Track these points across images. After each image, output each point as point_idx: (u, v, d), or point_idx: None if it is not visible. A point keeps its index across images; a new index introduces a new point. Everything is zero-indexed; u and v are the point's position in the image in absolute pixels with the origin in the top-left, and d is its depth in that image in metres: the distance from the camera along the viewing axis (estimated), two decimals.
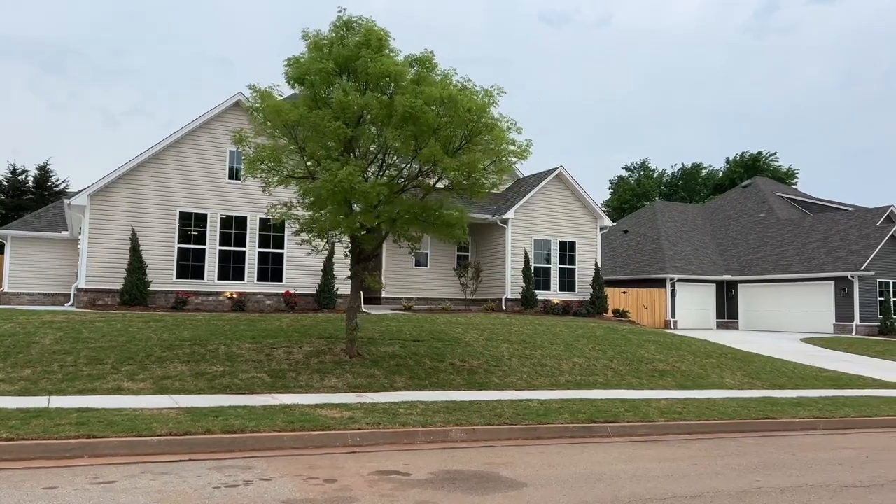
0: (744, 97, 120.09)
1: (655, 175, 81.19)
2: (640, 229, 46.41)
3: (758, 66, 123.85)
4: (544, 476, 7.92)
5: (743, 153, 75.37)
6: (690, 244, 43.57)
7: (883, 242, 35.20)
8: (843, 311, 35.15)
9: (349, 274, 15.63)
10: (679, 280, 39.52)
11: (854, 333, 34.03)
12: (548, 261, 28.49)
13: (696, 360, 19.81)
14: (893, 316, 35.10)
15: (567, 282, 28.83)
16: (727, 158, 76.88)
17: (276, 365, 14.24)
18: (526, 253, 27.29)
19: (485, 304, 27.45)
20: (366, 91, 13.66)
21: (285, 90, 14.89)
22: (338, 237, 15.19)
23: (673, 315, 38.97)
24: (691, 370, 18.58)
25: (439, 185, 15.04)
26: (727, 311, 41.01)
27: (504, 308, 27.11)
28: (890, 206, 37.92)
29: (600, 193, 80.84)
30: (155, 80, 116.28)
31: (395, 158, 14.78)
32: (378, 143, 13.62)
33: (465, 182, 14.77)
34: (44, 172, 51.37)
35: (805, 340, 31.09)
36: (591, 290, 28.40)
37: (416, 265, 28.65)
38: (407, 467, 8.13)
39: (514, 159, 15.00)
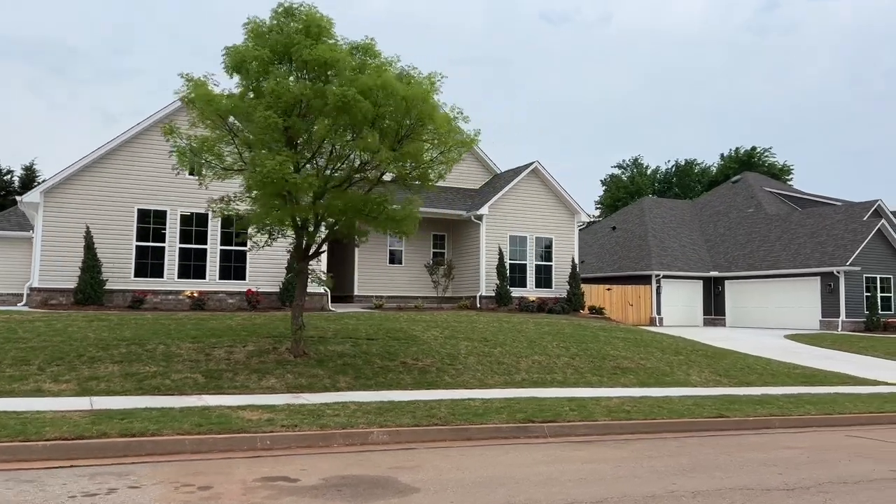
0: (745, 96, 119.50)
1: (649, 172, 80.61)
2: (628, 226, 45.89)
3: (758, 66, 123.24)
4: (445, 481, 7.42)
5: (737, 149, 74.83)
6: (678, 240, 43.03)
7: (869, 237, 34.64)
8: (829, 307, 34.60)
9: (296, 271, 15.07)
10: (664, 277, 39.00)
11: (840, 329, 33.47)
12: (524, 257, 27.98)
13: (664, 357, 19.29)
14: (880, 312, 34.54)
15: (544, 278, 28.32)
16: (721, 154, 76.49)
17: (213, 365, 13.74)
18: (500, 249, 26.78)
19: (459, 301, 26.96)
20: (308, 80, 13.18)
21: (228, 81, 14.42)
22: (282, 232, 14.68)
23: (658, 312, 38.46)
24: (657, 367, 18.06)
25: (387, 177, 14.55)
26: (714, 307, 40.47)
27: (479, 305, 26.61)
28: (877, 201, 37.38)
29: (598, 192, 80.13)
30: (156, 79, 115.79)
31: (345, 151, 14.26)
32: (310, 134, 13.07)
33: (412, 174, 14.29)
34: (30, 173, 51.11)
35: (789, 337, 30.57)
36: (568, 287, 27.89)
37: (390, 263, 28.18)
38: (303, 472, 7.64)
39: (463, 149, 14.53)
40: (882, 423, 13.70)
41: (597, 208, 78.11)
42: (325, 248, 15.24)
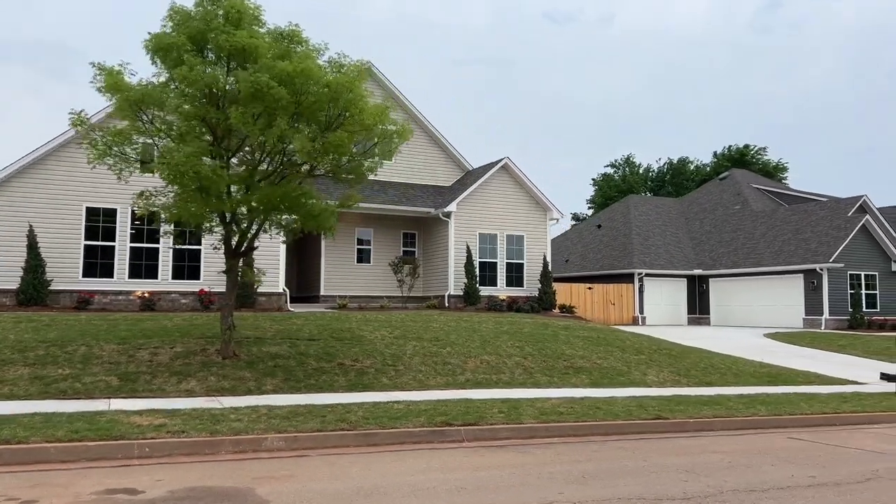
0: (748, 96, 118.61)
1: (641, 170, 79.90)
2: (614, 224, 45.25)
3: (762, 66, 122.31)
4: (304, 493, 6.80)
5: (730, 147, 74.04)
6: (662, 238, 42.37)
7: (853, 233, 33.93)
8: (812, 304, 33.91)
9: (225, 268, 14.47)
10: (647, 275, 38.36)
11: (823, 328, 32.78)
12: (494, 255, 27.34)
13: (623, 356, 18.65)
14: (864, 309, 33.84)
15: (515, 277, 27.68)
16: (714, 152, 75.60)
17: (133, 367, 13.13)
18: (468, 247, 26.15)
19: (428, 301, 26.34)
20: (227, 68, 12.60)
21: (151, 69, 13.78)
22: (208, 229, 14.07)
23: (641, 311, 37.83)
24: (613, 367, 17.43)
25: (320, 171, 13.95)
26: (699, 306, 39.79)
27: (447, 305, 25.99)
28: (862, 196, 36.67)
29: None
30: None
31: (269, 143, 13.64)
32: (230, 125, 12.43)
33: (345, 166, 13.70)
34: None
35: (769, 335, 29.91)
36: (540, 286, 27.25)
37: (358, 262, 27.59)
38: (156, 484, 7.02)
39: (398, 141, 13.95)
40: (834, 424, 13.07)
41: (589, 208, 77.51)
42: (257, 244, 14.57)
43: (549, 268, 27.62)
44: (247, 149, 13.53)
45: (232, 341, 14.27)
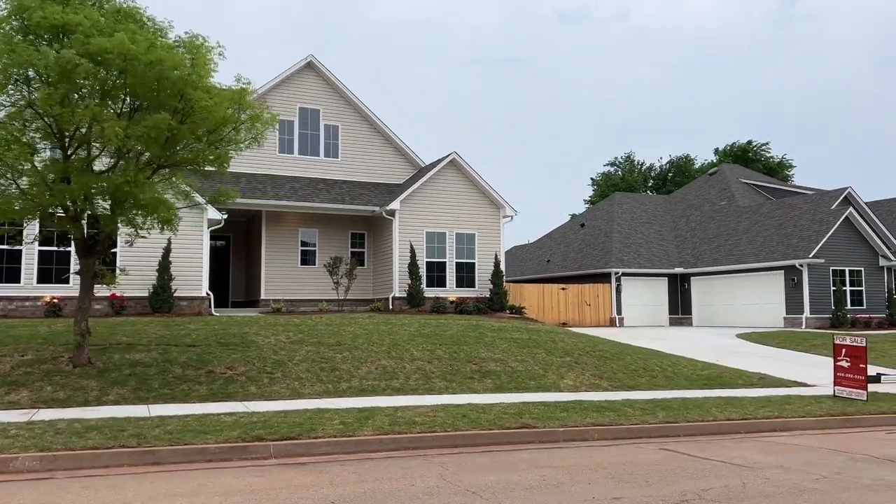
0: (766, 91, 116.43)
1: (643, 168, 78.22)
2: (597, 222, 43.81)
3: (779, 60, 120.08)
4: None
5: (733, 143, 72.24)
6: (644, 236, 40.83)
7: (835, 227, 32.23)
8: (793, 303, 32.25)
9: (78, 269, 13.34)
10: (624, 274, 36.86)
11: (804, 327, 31.12)
12: (442, 255, 26.08)
13: (548, 358, 17.32)
14: (848, 307, 32.13)
15: (466, 277, 26.40)
16: (716, 149, 73.78)
17: None
18: (412, 247, 24.91)
19: (372, 303, 25.15)
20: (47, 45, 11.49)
21: None
22: (55, 225, 12.98)
23: (618, 312, 36.34)
24: (529, 370, 16.11)
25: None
26: (681, 306, 38.21)
27: (391, 307, 24.78)
28: (847, 188, 34.95)
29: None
30: None
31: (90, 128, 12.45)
32: (29, 104, 11.32)
33: (200, 156, 12.55)
34: None
35: (741, 336, 28.36)
36: (491, 286, 25.93)
37: (301, 264, 26.46)
38: None
39: (261, 127, 12.79)
40: (738, 431, 11.77)
41: (587, 208, 75.81)
42: (117, 242, 13.43)
43: (502, 267, 26.30)
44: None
45: (86, 348, 13.15)
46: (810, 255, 31.26)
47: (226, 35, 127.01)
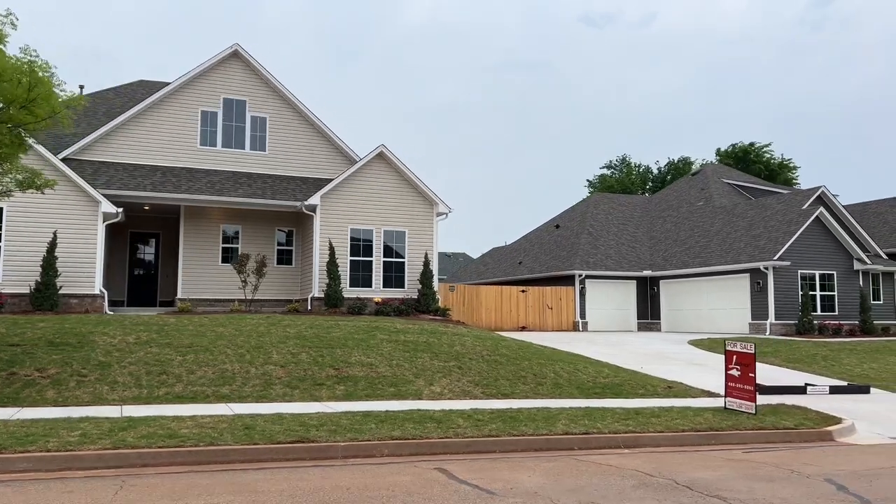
0: (794, 94, 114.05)
1: (641, 170, 76.37)
2: (571, 224, 42.26)
3: (810, 63, 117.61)
4: None
5: (734, 145, 70.15)
6: (617, 238, 39.19)
7: (803, 228, 30.39)
8: (758, 307, 30.47)
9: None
10: (589, 277, 35.28)
11: (768, 333, 29.35)
12: (368, 253, 24.68)
13: (431, 362, 15.90)
14: (819, 312, 30.28)
15: (395, 277, 24.97)
16: (717, 150, 71.68)
17: None
18: (331, 244, 23.51)
19: (290, 303, 23.80)
20: None
21: None
22: None
23: (582, 316, 34.79)
24: (397, 376, 14.70)
25: None
26: (650, 310, 36.51)
27: (310, 308, 23.42)
28: (820, 187, 33.12)
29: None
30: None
31: None
32: None
33: None
34: None
35: (693, 342, 26.70)
36: (420, 286, 24.50)
37: (222, 262, 25.17)
38: None
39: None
40: (562, 448, 10.35)
41: None
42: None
43: (432, 267, 24.83)
44: None
45: None
46: (775, 258, 29.46)
47: (252, 37, 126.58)
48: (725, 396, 13.64)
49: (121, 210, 21.18)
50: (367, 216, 24.76)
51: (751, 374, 13.11)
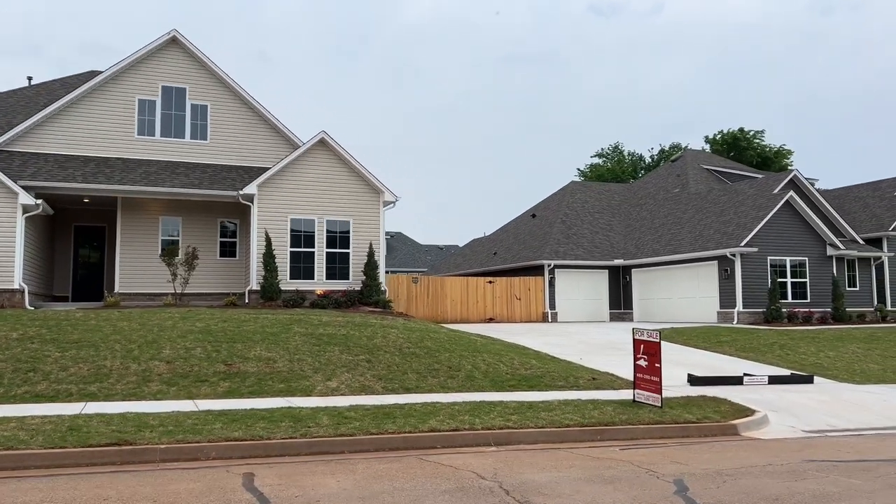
0: (806, 83, 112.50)
1: (634, 158, 75.25)
2: (547, 213, 41.31)
3: (821, 51, 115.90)
4: None
5: (724, 131, 68.85)
6: (591, 227, 38.23)
7: (772, 213, 29.37)
8: (726, 295, 29.50)
9: None
10: (559, 266, 34.35)
11: (735, 322, 28.38)
12: (311, 244, 23.83)
13: (338, 356, 15.06)
14: (788, 300, 29.26)
15: (339, 269, 24.11)
16: (706, 137, 70.53)
17: None
18: (267, 235, 22.66)
19: (227, 297, 22.98)
20: None
21: None
22: None
23: (552, 307, 33.87)
24: (294, 371, 13.88)
25: None
26: (623, 300, 35.60)
27: (248, 301, 22.62)
28: (793, 171, 32.11)
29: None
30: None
31: None
32: None
33: None
34: None
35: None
36: (364, 278, 23.64)
37: (161, 255, 24.31)
38: None
39: None
40: (423, 446, 9.47)
41: None
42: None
43: (377, 257, 23.96)
44: None
45: None
46: (742, 244, 28.47)
47: (257, 31, 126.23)
48: (634, 388, 12.76)
49: (41, 202, 20.39)
50: (308, 205, 23.91)
51: (657, 365, 12.23)
